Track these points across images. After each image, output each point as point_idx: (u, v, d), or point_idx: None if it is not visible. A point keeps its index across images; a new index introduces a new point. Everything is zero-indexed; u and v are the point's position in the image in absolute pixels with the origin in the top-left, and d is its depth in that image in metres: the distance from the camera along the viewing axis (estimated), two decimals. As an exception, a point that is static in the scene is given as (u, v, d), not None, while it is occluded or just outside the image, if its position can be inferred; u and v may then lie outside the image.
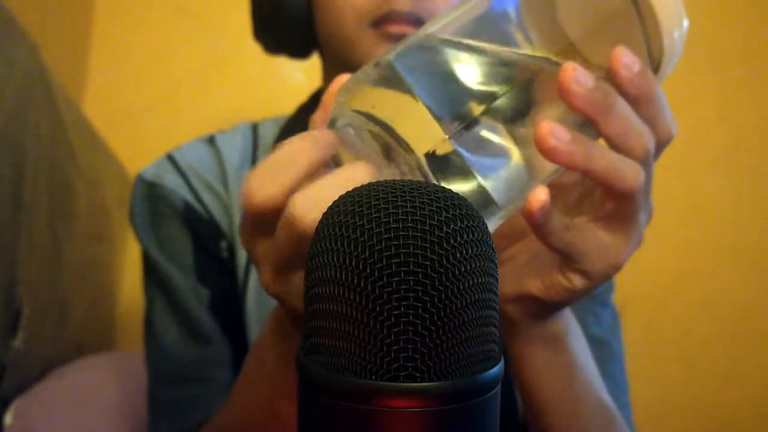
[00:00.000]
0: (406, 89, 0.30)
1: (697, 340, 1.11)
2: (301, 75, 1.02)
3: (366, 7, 0.50)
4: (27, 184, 0.57)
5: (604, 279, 0.36)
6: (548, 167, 0.34)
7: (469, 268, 0.20)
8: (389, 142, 0.31)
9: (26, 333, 0.57)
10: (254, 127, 0.65)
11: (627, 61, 0.33)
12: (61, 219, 0.68)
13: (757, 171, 1.13)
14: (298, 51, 0.61)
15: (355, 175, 0.30)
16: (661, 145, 0.35)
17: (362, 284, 0.20)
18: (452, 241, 0.20)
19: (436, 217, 0.20)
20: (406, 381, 0.19)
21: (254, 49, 0.64)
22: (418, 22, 0.49)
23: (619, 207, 0.35)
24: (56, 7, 0.93)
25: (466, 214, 0.21)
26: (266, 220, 0.31)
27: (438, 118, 0.30)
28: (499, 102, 0.32)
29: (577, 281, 0.36)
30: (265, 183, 0.30)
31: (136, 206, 0.61)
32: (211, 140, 0.63)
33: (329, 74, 0.60)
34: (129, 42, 1.07)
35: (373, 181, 0.23)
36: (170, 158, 0.61)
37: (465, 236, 0.20)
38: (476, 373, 0.20)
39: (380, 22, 0.50)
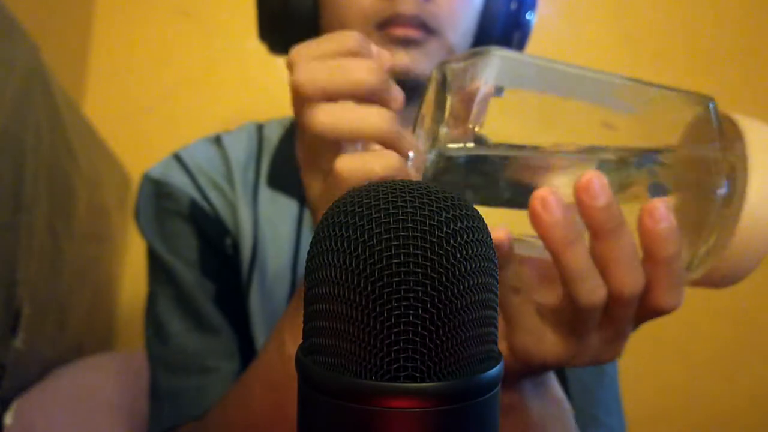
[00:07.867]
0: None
1: (697, 340, 1.11)
2: (301, 75, 1.01)
3: (371, 8, 0.50)
4: (27, 184, 0.57)
5: (525, 362, 0.35)
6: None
7: (469, 268, 0.20)
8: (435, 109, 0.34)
9: (26, 333, 0.57)
10: (260, 128, 0.66)
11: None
12: (61, 219, 0.68)
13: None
14: None
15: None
16: (617, 298, 0.32)
17: (362, 284, 0.20)
18: (452, 242, 0.20)
19: (436, 218, 0.20)
20: (406, 381, 0.19)
21: (254, 49, 0.64)
22: (422, 25, 0.50)
23: (572, 313, 0.33)
24: (56, 7, 0.93)
25: (467, 214, 0.21)
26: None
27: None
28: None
29: (503, 348, 0.35)
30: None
31: (142, 204, 0.61)
32: (217, 140, 0.64)
33: None
34: (129, 42, 1.07)
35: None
36: (177, 157, 0.62)
37: (465, 236, 0.20)
38: (476, 373, 0.20)
39: (385, 24, 0.50)
